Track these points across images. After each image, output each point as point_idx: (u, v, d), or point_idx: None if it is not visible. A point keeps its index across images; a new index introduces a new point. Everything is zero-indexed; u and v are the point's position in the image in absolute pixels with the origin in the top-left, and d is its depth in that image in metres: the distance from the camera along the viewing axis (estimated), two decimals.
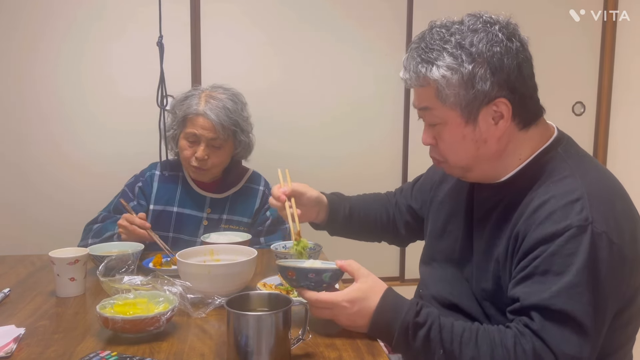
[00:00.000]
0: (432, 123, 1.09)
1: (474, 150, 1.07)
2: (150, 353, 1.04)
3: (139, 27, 2.29)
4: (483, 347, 0.94)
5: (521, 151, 1.08)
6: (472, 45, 1.00)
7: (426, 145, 1.14)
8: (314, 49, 2.48)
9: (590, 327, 0.90)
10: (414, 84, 1.07)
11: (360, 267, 1.08)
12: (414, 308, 1.00)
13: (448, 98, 1.02)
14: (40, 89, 2.30)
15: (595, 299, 0.91)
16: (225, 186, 1.91)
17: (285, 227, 1.93)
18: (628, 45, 2.63)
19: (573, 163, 1.04)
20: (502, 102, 1.02)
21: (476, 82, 1.00)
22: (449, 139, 1.07)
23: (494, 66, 1.00)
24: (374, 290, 1.05)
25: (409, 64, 1.07)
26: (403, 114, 2.57)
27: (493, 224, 1.09)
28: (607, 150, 2.72)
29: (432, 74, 1.02)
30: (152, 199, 1.87)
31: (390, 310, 1.02)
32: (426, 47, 1.04)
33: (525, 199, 1.03)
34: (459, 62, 1.00)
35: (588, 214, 0.94)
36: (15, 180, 2.33)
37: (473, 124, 1.04)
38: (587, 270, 0.91)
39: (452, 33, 1.02)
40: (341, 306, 1.04)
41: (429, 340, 0.97)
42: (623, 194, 1.03)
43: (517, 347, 0.92)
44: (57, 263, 1.33)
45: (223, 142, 1.81)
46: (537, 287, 0.94)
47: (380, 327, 1.03)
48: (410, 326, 0.98)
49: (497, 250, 1.06)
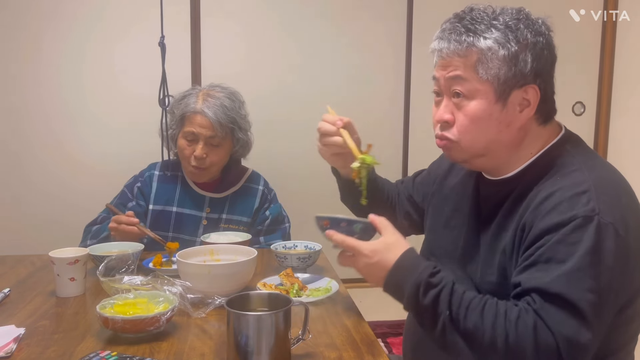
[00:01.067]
0: (459, 94, 1.05)
1: (495, 133, 1.05)
2: (150, 353, 1.04)
3: (140, 28, 2.30)
4: (488, 315, 0.94)
5: (534, 145, 1.09)
6: (519, 29, 1.02)
7: (440, 122, 1.09)
8: (314, 48, 2.48)
9: (589, 312, 0.90)
10: (454, 52, 1.04)
11: (389, 225, 1.08)
12: (430, 269, 1.00)
13: (489, 71, 1.02)
14: (43, 89, 2.30)
15: (596, 286, 0.91)
16: (225, 186, 1.91)
17: (285, 226, 1.93)
18: (628, 45, 2.63)
19: (581, 159, 1.05)
20: (533, 88, 1.03)
21: (519, 61, 1.01)
22: (474, 114, 1.04)
23: (536, 54, 1.02)
24: (397, 246, 1.05)
25: (449, 33, 1.04)
26: (403, 114, 2.58)
27: (500, 217, 1.09)
28: (607, 150, 2.72)
29: (479, 43, 1.01)
30: (151, 199, 1.87)
31: (408, 267, 1.02)
32: (472, 19, 1.03)
33: (533, 192, 1.03)
34: (507, 39, 1.01)
35: (595, 205, 0.94)
36: (16, 179, 2.33)
37: (502, 104, 1.03)
38: (590, 257, 0.91)
39: (498, 14, 1.04)
40: (363, 254, 1.05)
41: (438, 300, 0.97)
42: (629, 190, 1.04)
43: (520, 321, 0.92)
44: (57, 263, 1.33)
45: (221, 140, 1.81)
46: (539, 273, 0.94)
47: (395, 282, 1.03)
48: (422, 284, 0.98)
49: (504, 242, 1.06)
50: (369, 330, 1.17)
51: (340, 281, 1.45)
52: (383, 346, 2.51)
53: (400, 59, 2.55)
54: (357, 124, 1.37)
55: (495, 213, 1.11)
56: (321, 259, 1.62)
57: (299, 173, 2.51)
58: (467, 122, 1.05)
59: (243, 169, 1.97)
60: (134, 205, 1.85)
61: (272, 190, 1.97)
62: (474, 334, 0.94)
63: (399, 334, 2.51)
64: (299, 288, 1.35)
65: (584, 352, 0.91)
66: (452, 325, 0.96)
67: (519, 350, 0.91)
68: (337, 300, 1.33)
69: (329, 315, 1.24)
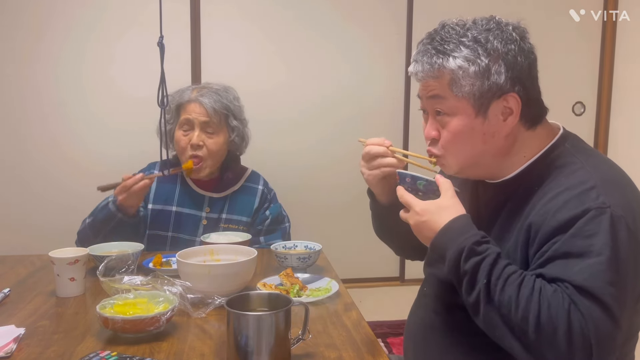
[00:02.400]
0: (440, 112, 1.08)
1: (480, 144, 1.07)
2: (150, 353, 1.04)
3: (140, 28, 2.30)
4: (524, 290, 0.93)
5: (527, 149, 1.09)
6: (488, 41, 1.03)
7: (429, 139, 1.13)
8: (314, 48, 2.48)
9: (613, 305, 0.90)
10: (427, 75, 1.07)
11: (450, 188, 1.07)
12: (478, 237, 1.00)
13: (462, 88, 1.03)
14: (41, 90, 2.30)
15: (617, 279, 0.91)
16: (224, 185, 1.91)
17: (285, 226, 1.93)
18: (628, 45, 2.63)
19: (582, 157, 1.05)
20: (513, 96, 1.04)
21: (492, 74, 1.02)
22: (456, 130, 1.07)
23: (509, 62, 1.03)
24: (449, 210, 1.05)
25: (422, 56, 1.07)
26: (403, 114, 2.58)
27: (502, 220, 1.09)
28: (607, 150, 2.72)
29: (448, 64, 1.03)
30: (150, 198, 1.87)
31: (455, 231, 1.02)
32: (442, 39, 1.05)
33: (537, 194, 1.04)
34: (476, 54, 1.02)
35: (605, 199, 0.95)
36: (15, 180, 2.33)
37: (483, 117, 1.05)
38: (609, 250, 0.91)
39: (467, 29, 1.05)
40: (414, 211, 1.06)
41: (479, 268, 0.97)
42: (632, 184, 1.04)
43: (554, 301, 0.91)
44: (57, 263, 1.33)
45: (216, 127, 1.83)
46: (558, 268, 0.94)
47: (441, 244, 1.03)
48: (466, 249, 0.98)
49: (507, 245, 1.06)
50: (369, 330, 1.17)
51: (340, 281, 1.45)
52: (383, 346, 2.51)
53: (401, 59, 2.55)
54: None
55: (497, 215, 1.11)
56: (321, 259, 1.62)
57: (299, 173, 2.51)
58: (450, 137, 1.08)
59: (243, 169, 1.98)
60: None
61: (272, 190, 1.97)
62: (507, 307, 0.93)
63: (399, 334, 2.51)
64: (299, 288, 1.35)
65: (613, 345, 0.91)
66: (487, 294, 0.95)
67: (550, 329, 0.90)
68: (337, 300, 1.33)
69: (329, 315, 1.24)
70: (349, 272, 2.44)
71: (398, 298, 2.58)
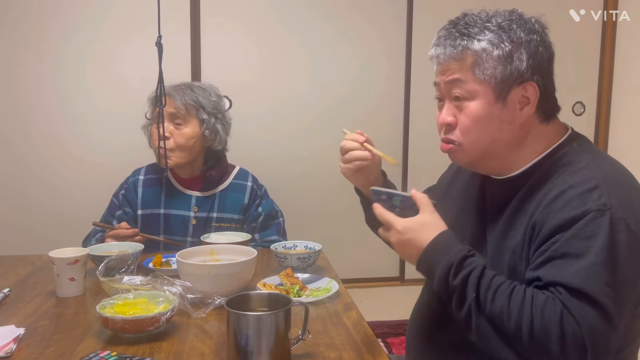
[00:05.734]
0: (459, 97, 1.07)
1: (496, 131, 1.07)
2: (150, 353, 1.04)
3: (142, 28, 2.30)
4: (515, 300, 0.94)
5: (538, 144, 1.09)
6: (512, 29, 1.04)
7: (444, 125, 1.11)
8: (315, 48, 2.48)
9: (610, 307, 0.90)
10: (449, 57, 1.06)
11: (428, 204, 1.07)
12: (464, 252, 1.00)
13: (485, 71, 1.04)
14: (45, 88, 2.31)
15: (614, 281, 0.91)
16: (211, 184, 1.89)
17: (279, 221, 1.92)
18: (628, 45, 2.64)
19: (588, 156, 1.05)
20: (532, 85, 1.05)
21: (514, 60, 1.03)
22: (475, 115, 1.06)
23: (531, 51, 1.04)
24: (431, 226, 1.04)
25: (444, 40, 1.07)
26: (403, 114, 2.58)
27: (508, 217, 1.09)
28: (607, 150, 2.73)
29: (473, 46, 1.04)
30: (138, 204, 1.87)
31: (441, 248, 1.02)
32: (466, 24, 1.06)
33: (542, 191, 1.04)
34: (500, 39, 1.03)
35: (606, 200, 0.95)
36: (17, 179, 2.33)
37: (502, 103, 1.05)
38: (606, 252, 0.91)
39: (491, 16, 1.06)
40: (395, 230, 1.06)
41: (467, 282, 0.97)
42: (636, 185, 1.05)
43: (546, 308, 0.92)
44: (57, 263, 1.33)
45: (184, 119, 1.81)
46: (556, 269, 0.94)
47: (428, 262, 1.03)
48: (454, 265, 0.98)
49: (513, 242, 1.06)
50: (369, 330, 1.17)
51: (340, 281, 1.44)
52: (383, 346, 2.51)
53: (401, 60, 2.56)
54: (357, 124, 1.38)
55: (502, 212, 1.11)
56: (321, 259, 1.62)
57: (295, 172, 2.51)
58: (469, 122, 1.07)
59: (230, 167, 1.96)
60: (121, 213, 1.85)
61: (262, 187, 1.96)
62: (500, 318, 0.93)
63: (399, 334, 2.51)
64: (299, 288, 1.35)
65: (608, 346, 0.91)
66: (478, 307, 0.95)
67: (544, 337, 0.90)
68: (337, 300, 1.33)
69: (329, 315, 1.24)
70: (349, 272, 2.44)
71: (398, 298, 2.58)
